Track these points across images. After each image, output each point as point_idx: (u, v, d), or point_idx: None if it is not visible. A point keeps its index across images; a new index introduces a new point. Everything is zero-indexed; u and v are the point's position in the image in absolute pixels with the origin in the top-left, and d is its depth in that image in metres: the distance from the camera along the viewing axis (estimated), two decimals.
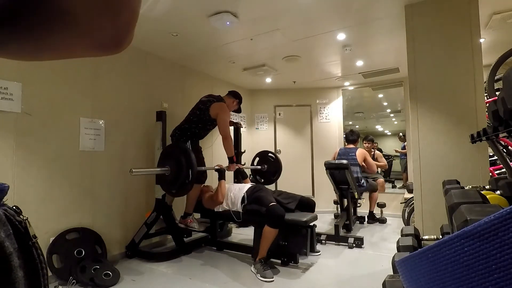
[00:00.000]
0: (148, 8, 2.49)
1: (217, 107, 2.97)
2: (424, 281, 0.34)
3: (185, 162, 2.62)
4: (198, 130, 3.04)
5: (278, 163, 3.93)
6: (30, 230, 0.33)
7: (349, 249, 3.27)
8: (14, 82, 2.31)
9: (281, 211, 2.57)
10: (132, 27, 0.30)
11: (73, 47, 0.30)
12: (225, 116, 2.96)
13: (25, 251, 0.31)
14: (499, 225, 0.26)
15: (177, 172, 2.63)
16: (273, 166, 3.94)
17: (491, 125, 1.17)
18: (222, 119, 2.94)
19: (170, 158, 2.71)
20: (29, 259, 0.31)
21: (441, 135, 2.39)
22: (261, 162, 4.01)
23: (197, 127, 3.02)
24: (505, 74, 0.75)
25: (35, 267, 0.31)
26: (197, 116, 3.02)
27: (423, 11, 2.50)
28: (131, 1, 0.28)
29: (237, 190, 2.95)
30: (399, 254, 1.08)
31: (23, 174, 2.34)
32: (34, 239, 0.33)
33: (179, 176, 2.62)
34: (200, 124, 3.02)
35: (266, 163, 3.97)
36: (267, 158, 3.99)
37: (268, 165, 3.96)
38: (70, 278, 2.35)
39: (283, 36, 3.16)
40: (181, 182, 2.62)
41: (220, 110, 2.96)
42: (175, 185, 2.66)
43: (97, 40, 0.29)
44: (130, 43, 0.32)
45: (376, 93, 5.87)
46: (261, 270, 2.45)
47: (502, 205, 1.01)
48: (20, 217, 0.34)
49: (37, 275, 0.31)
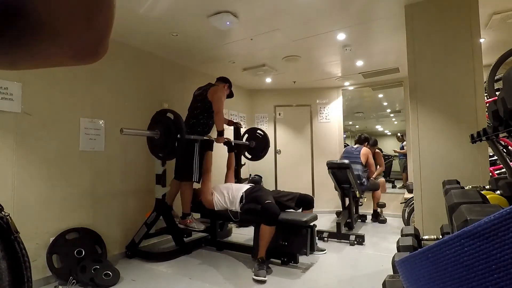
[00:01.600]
0: (148, 8, 2.49)
1: (214, 89, 3.13)
2: (424, 281, 0.34)
3: (173, 126, 2.71)
4: (206, 120, 3.15)
5: (266, 140, 4.03)
6: (11, 225, 0.35)
7: (350, 246, 3.31)
8: (14, 82, 2.31)
9: (276, 209, 2.60)
10: (106, 37, 0.30)
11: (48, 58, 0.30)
12: (220, 94, 3.11)
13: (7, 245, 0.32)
14: (499, 225, 0.26)
15: (166, 136, 2.74)
16: (261, 142, 4.04)
17: (491, 125, 1.17)
18: (217, 96, 3.08)
19: (160, 122, 2.84)
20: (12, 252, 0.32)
21: (441, 135, 2.39)
22: (250, 138, 4.10)
23: (204, 117, 3.13)
24: (505, 74, 0.75)
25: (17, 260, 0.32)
26: (199, 108, 3.12)
27: (423, 11, 2.50)
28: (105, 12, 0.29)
29: (236, 189, 2.98)
30: (399, 254, 1.07)
31: (23, 174, 2.34)
32: (16, 234, 0.34)
33: (168, 141, 2.73)
34: (206, 113, 3.12)
35: (254, 139, 4.07)
36: (255, 135, 4.08)
37: (256, 142, 4.05)
38: (70, 278, 2.35)
39: (283, 36, 3.16)
40: (169, 146, 2.73)
41: (217, 91, 3.12)
42: (164, 149, 2.78)
43: (73, 50, 0.29)
44: (106, 52, 0.32)
45: (376, 93, 5.87)
46: (256, 269, 2.46)
47: (502, 205, 1.01)
48: (1, 213, 0.34)
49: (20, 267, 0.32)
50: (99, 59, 0.31)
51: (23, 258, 0.33)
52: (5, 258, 0.30)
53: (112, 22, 0.31)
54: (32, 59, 0.30)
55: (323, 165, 4.12)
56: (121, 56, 3.17)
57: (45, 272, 2.40)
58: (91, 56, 0.31)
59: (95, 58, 0.31)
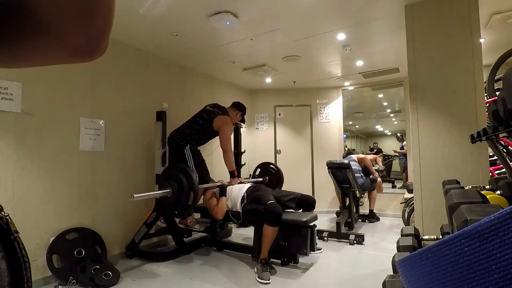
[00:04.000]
0: (148, 8, 2.49)
1: (221, 121, 2.98)
2: (424, 281, 0.34)
3: (186, 183, 2.56)
4: (199, 137, 3.05)
5: (279, 174, 3.86)
6: (11, 225, 0.35)
7: (350, 245, 3.31)
8: (14, 82, 2.31)
9: (279, 209, 2.57)
10: (106, 34, 0.30)
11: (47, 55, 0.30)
12: (227, 131, 2.96)
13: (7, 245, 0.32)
14: (499, 225, 0.26)
15: (179, 193, 2.58)
16: (274, 177, 3.87)
17: (491, 125, 1.17)
18: (224, 133, 2.94)
19: (171, 179, 2.66)
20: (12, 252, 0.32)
21: (441, 135, 2.39)
22: (262, 173, 3.94)
23: (198, 134, 3.03)
24: (505, 74, 0.75)
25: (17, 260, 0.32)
26: (199, 125, 3.03)
27: (423, 11, 2.50)
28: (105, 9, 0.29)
29: (237, 191, 2.95)
30: (399, 254, 1.07)
31: (23, 174, 2.34)
32: (16, 234, 0.34)
33: (181, 198, 2.58)
34: (202, 133, 3.03)
35: (267, 174, 3.90)
36: (268, 169, 3.93)
37: (269, 176, 3.87)
38: (70, 278, 2.35)
39: (283, 36, 3.16)
40: (183, 204, 2.58)
41: (224, 124, 2.96)
42: (177, 206, 2.61)
43: (72, 47, 0.29)
44: (105, 50, 0.32)
45: (376, 93, 5.87)
46: (260, 271, 2.46)
47: (502, 205, 1.01)
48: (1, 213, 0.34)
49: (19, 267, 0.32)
50: (99, 56, 0.31)
51: (23, 258, 0.33)
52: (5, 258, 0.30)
53: (112, 19, 0.30)
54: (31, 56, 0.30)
55: (323, 165, 4.13)
56: (121, 56, 3.17)
57: (45, 272, 2.40)
58: (91, 54, 0.30)
59: (95, 56, 0.31)
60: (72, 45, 0.29)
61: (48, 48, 0.29)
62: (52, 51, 0.29)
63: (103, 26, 0.29)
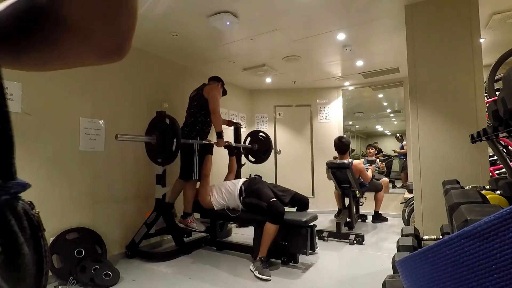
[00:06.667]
0: (148, 8, 2.49)
1: (209, 88, 3.14)
2: (424, 281, 0.34)
3: (170, 131, 2.69)
4: (204, 118, 3.14)
5: (268, 142, 4.03)
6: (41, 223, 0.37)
7: (350, 245, 3.31)
8: (14, 82, 2.31)
9: (282, 208, 2.63)
10: (131, 35, 0.33)
11: (79, 56, 0.33)
12: (215, 92, 3.11)
13: (35, 241, 0.34)
14: (499, 225, 0.26)
15: (163, 141, 2.72)
16: (264, 145, 4.04)
17: (491, 125, 1.17)
18: (212, 94, 3.08)
19: (156, 128, 2.81)
20: (37, 248, 0.34)
21: (441, 135, 2.39)
22: (252, 141, 4.10)
23: (201, 115, 3.13)
24: (505, 74, 0.75)
25: (40, 256, 0.34)
26: (196, 106, 3.14)
27: (423, 11, 2.50)
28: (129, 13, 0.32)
29: (231, 184, 3.01)
30: (399, 254, 1.07)
31: (23, 174, 2.29)
32: (43, 231, 0.37)
33: (164, 145, 2.72)
34: (203, 111, 3.12)
35: (257, 142, 4.06)
36: (258, 138, 4.08)
37: (258, 144, 4.04)
38: (70, 278, 2.35)
39: (283, 36, 3.16)
40: (166, 151, 2.71)
41: (211, 89, 3.13)
42: (161, 154, 2.76)
43: (102, 49, 0.32)
44: (129, 50, 0.35)
45: (376, 93, 5.86)
46: (260, 268, 2.46)
47: (502, 205, 1.01)
48: (33, 211, 0.38)
49: (41, 261, 0.34)
50: (124, 56, 0.34)
51: (45, 253, 0.35)
52: (31, 254, 0.33)
53: (136, 22, 0.33)
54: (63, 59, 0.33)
55: (323, 165, 4.12)
56: None
57: None
58: (118, 54, 0.34)
59: (122, 56, 0.34)
60: (102, 47, 0.32)
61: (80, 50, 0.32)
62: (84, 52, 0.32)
63: (128, 28, 0.33)
